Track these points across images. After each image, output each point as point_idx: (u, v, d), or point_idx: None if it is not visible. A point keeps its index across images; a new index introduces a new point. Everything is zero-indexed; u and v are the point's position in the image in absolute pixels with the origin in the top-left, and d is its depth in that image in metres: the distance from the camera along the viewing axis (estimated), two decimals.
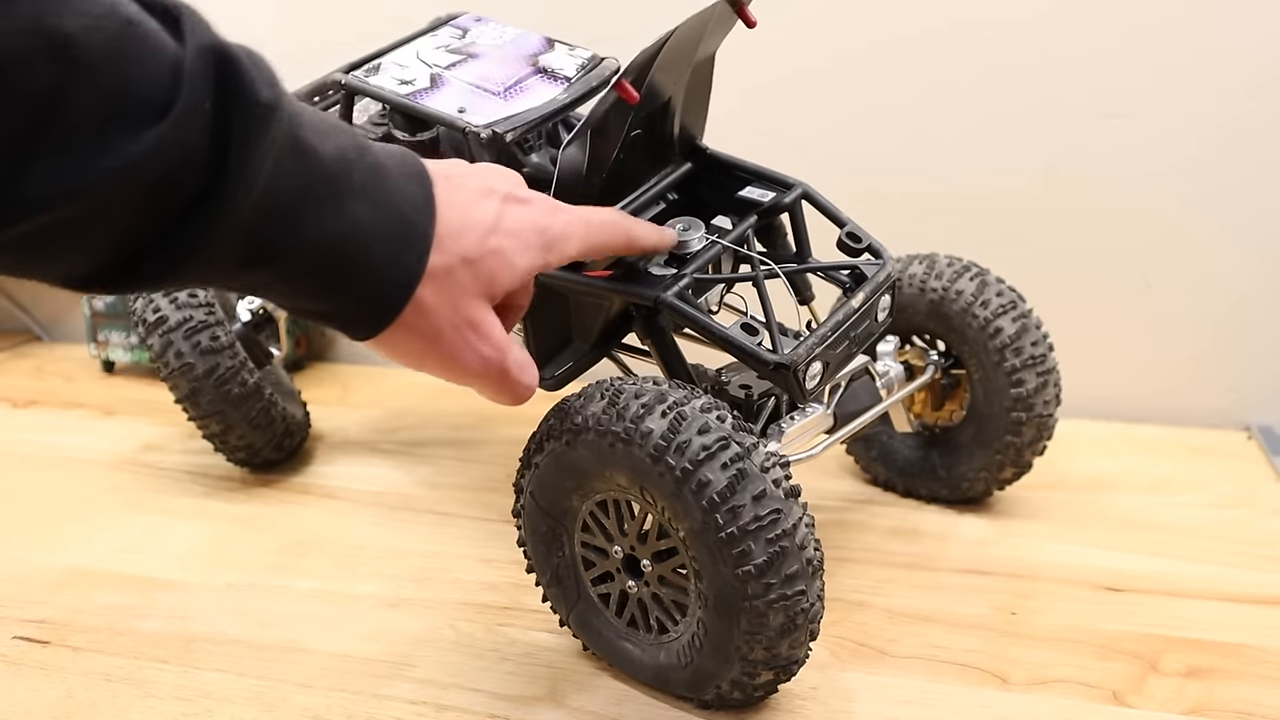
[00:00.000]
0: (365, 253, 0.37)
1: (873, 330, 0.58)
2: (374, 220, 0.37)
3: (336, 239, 0.36)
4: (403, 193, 0.38)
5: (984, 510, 0.72)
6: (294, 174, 0.34)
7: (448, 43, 0.65)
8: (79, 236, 0.31)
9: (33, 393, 0.99)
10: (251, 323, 0.80)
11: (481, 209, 0.41)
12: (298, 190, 0.34)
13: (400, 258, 0.38)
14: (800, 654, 0.49)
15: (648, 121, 0.57)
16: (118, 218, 0.31)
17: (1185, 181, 0.84)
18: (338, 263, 0.37)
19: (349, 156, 0.37)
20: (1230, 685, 0.54)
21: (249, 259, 0.34)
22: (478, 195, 0.42)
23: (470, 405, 0.93)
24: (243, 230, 0.33)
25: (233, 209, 0.32)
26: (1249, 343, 0.87)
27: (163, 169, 0.30)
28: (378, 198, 0.37)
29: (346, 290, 0.38)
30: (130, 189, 0.30)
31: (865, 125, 0.89)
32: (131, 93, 0.29)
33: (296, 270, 0.36)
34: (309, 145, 0.35)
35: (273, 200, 0.34)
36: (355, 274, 0.37)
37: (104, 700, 0.54)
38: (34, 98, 0.28)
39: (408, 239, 0.38)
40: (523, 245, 0.42)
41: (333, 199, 0.36)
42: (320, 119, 0.36)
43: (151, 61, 0.30)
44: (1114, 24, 0.82)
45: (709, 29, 0.54)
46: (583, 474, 0.50)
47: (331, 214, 0.36)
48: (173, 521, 0.73)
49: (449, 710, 0.53)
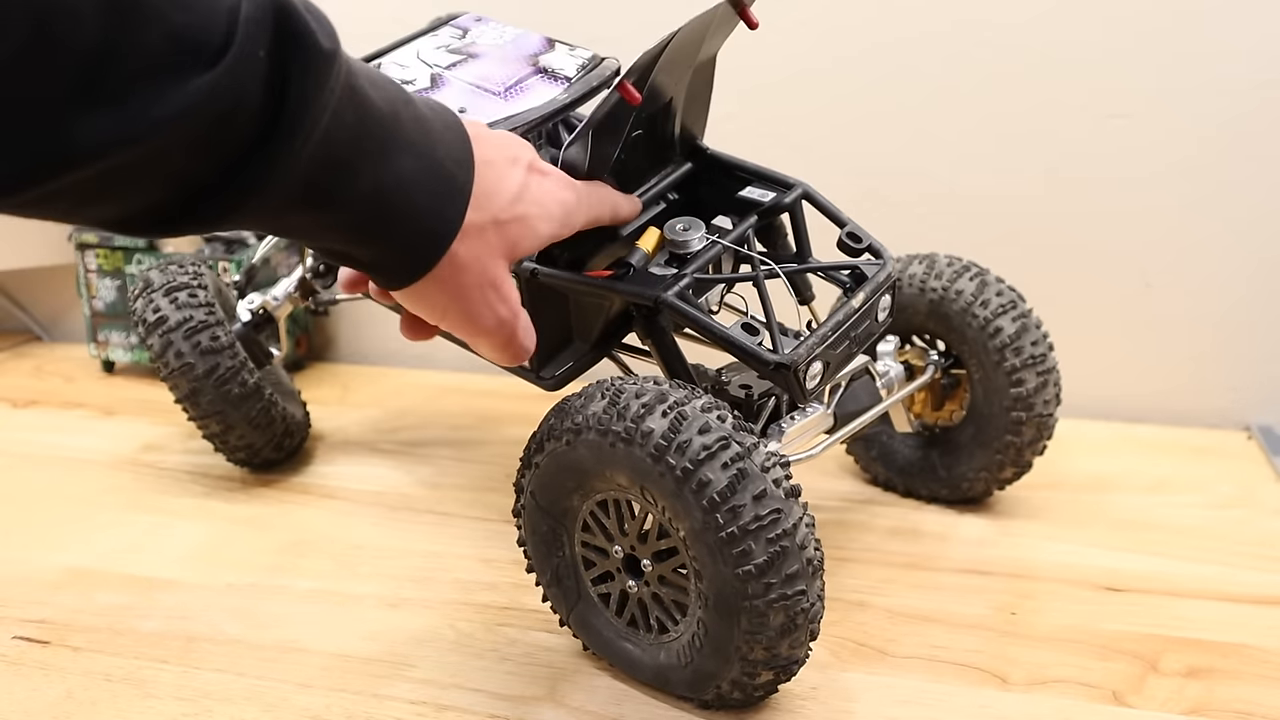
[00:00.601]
0: (410, 203, 0.38)
1: (873, 330, 0.58)
2: (420, 172, 0.38)
3: (386, 188, 0.37)
4: (446, 147, 0.39)
5: (984, 510, 0.72)
6: (350, 123, 0.35)
7: (448, 43, 0.65)
8: (135, 182, 0.31)
9: (33, 393, 0.99)
10: (251, 323, 0.80)
11: (511, 175, 0.43)
12: (353, 140, 0.35)
13: (443, 210, 0.39)
14: (800, 654, 0.49)
15: (649, 122, 0.57)
16: (173, 162, 0.31)
17: (1185, 182, 0.85)
18: (384, 211, 0.37)
19: (398, 108, 0.37)
20: (1230, 685, 0.54)
21: (301, 203, 0.35)
22: (507, 162, 0.43)
23: (470, 405, 0.93)
24: (299, 176, 0.34)
25: (290, 155, 0.33)
26: (1249, 343, 0.87)
27: (216, 114, 0.30)
28: (423, 150, 0.38)
29: (390, 238, 0.38)
30: (184, 135, 0.30)
31: (866, 126, 0.89)
32: (184, 39, 0.29)
33: (345, 216, 0.37)
34: (364, 95, 0.36)
35: (329, 149, 0.34)
36: (399, 223, 0.38)
37: (104, 700, 0.54)
38: (87, 46, 0.28)
39: (449, 193, 0.39)
40: (545, 215, 0.44)
41: (385, 150, 0.37)
42: (370, 70, 0.37)
43: (205, 8, 0.30)
44: (1114, 25, 0.82)
45: (711, 30, 0.54)
46: (583, 474, 0.50)
47: (383, 164, 0.37)
48: (173, 521, 0.73)
49: (449, 710, 0.53)
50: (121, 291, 1.00)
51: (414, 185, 0.38)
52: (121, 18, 0.28)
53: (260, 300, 0.80)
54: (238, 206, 0.33)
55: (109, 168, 0.30)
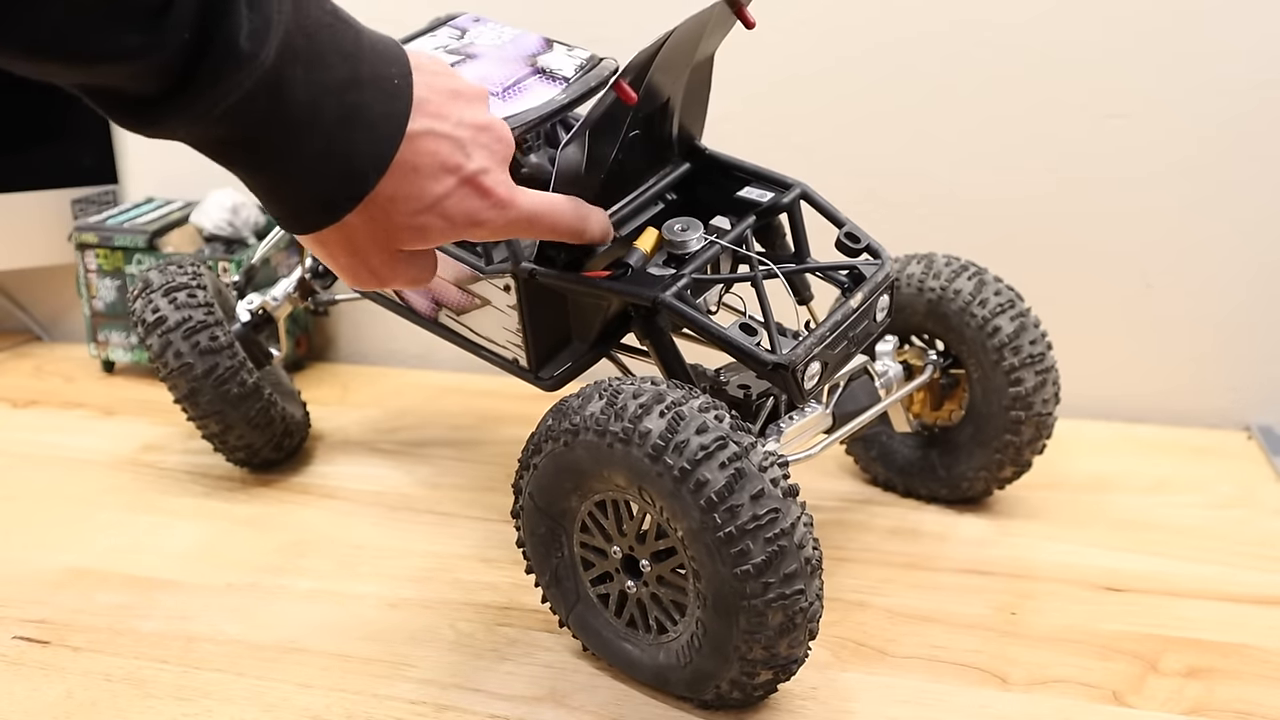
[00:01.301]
0: (297, 185, 0.39)
1: (871, 330, 0.58)
2: (317, 163, 0.39)
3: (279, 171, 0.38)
4: (367, 144, 0.39)
5: (984, 510, 0.72)
6: (259, 113, 0.36)
7: (446, 43, 0.65)
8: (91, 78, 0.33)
9: (33, 393, 0.99)
10: (251, 323, 0.80)
11: (434, 185, 0.42)
12: (258, 124, 0.36)
13: (330, 202, 0.40)
14: (799, 653, 0.49)
15: (646, 122, 0.57)
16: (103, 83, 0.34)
17: (1186, 182, 0.84)
18: (270, 184, 0.39)
19: (325, 99, 0.38)
20: (1230, 685, 0.54)
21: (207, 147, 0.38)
22: (439, 170, 0.42)
23: (470, 405, 0.93)
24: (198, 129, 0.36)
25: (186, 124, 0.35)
26: (1249, 343, 0.87)
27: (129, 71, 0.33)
28: (334, 145, 0.38)
29: (276, 204, 0.40)
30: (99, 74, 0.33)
31: (865, 126, 0.89)
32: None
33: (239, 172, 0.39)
34: (287, 88, 0.36)
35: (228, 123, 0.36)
36: (278, 198, 0.40)
37: (104, 700, 0.54)
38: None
39: (346, 191, 0.40)
40: (446, 228, 0.43)
41: (289, 140, 0.37)
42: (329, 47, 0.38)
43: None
44: (1114, 25, 0.82)
45: (708, 30, 0.54)
46: (581, 474, 0.50)
47: (282, 151, 0.38)
48: (173, 521, 0.73)
49: (449, 710, 0.53)
50: (121, 291, 1.00)
51: (311, 174, 0.39)
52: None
53: (260, 300, 0.80)
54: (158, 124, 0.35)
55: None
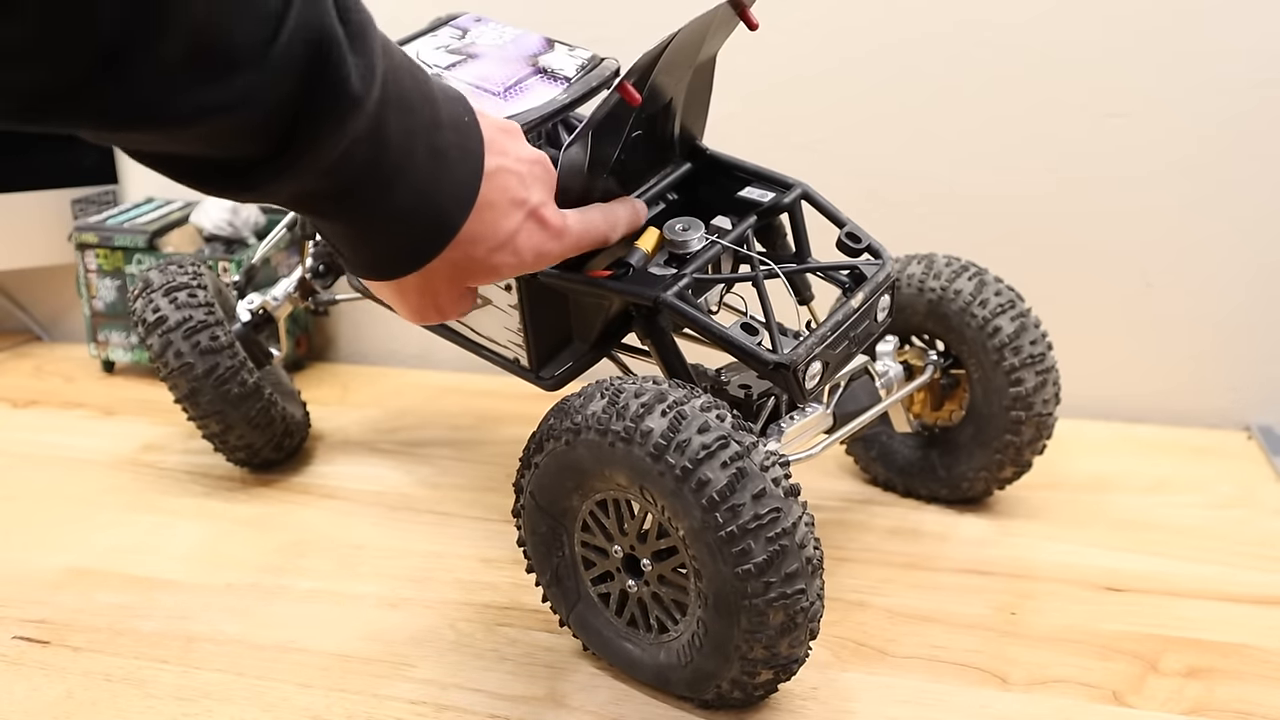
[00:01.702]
0: (390, 233, 0.40)
1: (872, 330, 0.58)
2: (412, 209, 0.39)
3: (373, 215, 0.39)
4: (453, 186, 0.41)
5: (984, 510, 0.72)
6: (359, 163, 0.36)
7: (447, 43, 0.65)
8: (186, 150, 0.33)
9: (33, 393, 0.99)
10: (251, 323, 0.80)
11: (507, 222, 0.44)
12: (356, 177, 0.37)
13: (420, 246, 0.41)
14: (800, 653, 0.49)
15: (649, 122, 0.57)
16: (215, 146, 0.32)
17: (1186, 181, 0.85)
18: (364, 231, 0.40)
19: (415, 140, 0.38)
20: (1230, 685, 0.54)
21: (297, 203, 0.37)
22: (511, 205, 0.44)
23: (470, 405, 0.93)
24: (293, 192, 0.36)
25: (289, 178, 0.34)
26: (1249, 343, 0.87)
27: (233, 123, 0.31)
28: (427, 185, 0.39)
29: (363, 250, 0.41)
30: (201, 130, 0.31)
31: (866, 126, 0.89)
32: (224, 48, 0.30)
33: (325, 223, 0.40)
34: (384, 133, 0.36)
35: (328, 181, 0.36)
36: (376, 243, 0.40)
37: (104, 700, 0.54)
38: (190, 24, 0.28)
39: (435, 233, 0.41)
40: (517, 264, 0.45)
41: (387, 186, 0.38)
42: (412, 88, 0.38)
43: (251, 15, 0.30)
44: (1114, 24, 0.82)
45: (711, 31, 0.54)
46: (582, 473, 0.50)
47: (377, 195, 0.38)
48: (173, 521, 0.73)
49: (449, 710, 0.53)
50: (121, 291, 1.00)
51: (400, 219, 0.39)
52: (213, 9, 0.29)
53: (260, 300, 0.80)
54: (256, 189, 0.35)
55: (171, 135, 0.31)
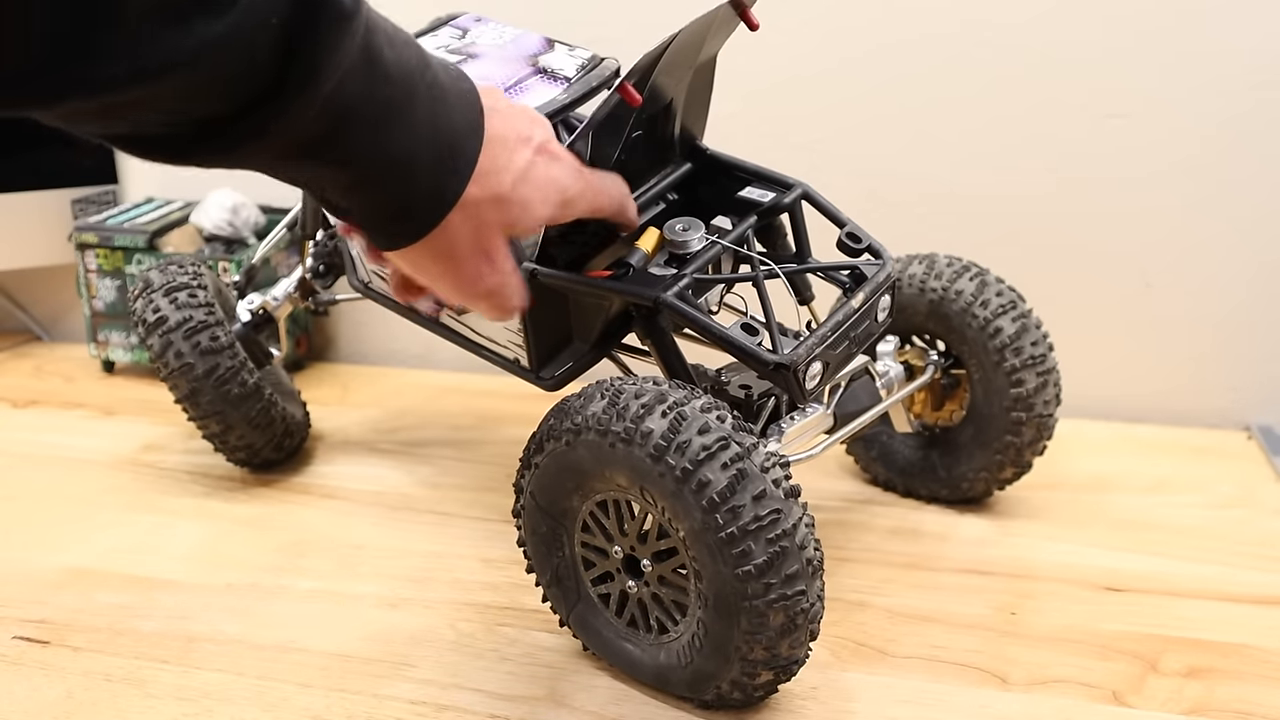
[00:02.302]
0: (410, 171, 0.38)
1: (872, 330, 0.58)
2: (425, 141, 0.38)
3: (389, 153, 0.37)
4: (458, 117, 0.40)
5: (984, 510, 0.72)
6: (360, 88, 0.35)
7: (448, 43, 0.65)
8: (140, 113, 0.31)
9: (33, 393, 0.99)
10: (251, 323, 0.80)
11: (519, 155, 0.43)
12: (360, 104, 0.36)
13: (443, 182, 0.40)
14: (800, 654, 0.49)
15: (649, 123, 0.57)
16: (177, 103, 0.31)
17: (1186, 181, 0.85)
18: (384, 174, 0.38)
19: (413, 73, 0.38)
20: (1230, 685, 0.54)
21: (303, 155, 0.36)
22: (518, 141, 0.43)
23: (470, 405, 0.93)
24: (301, 131, 0.34)
25: (294, 112, 0.33)
26: (1249, 343, 0.87)
27: (224, 66, 0.31)
28: (432, 120, 0.39)
29: (387, 201, 0.39)
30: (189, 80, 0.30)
31: (866, 127, 0.89)
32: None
33: (344, 174, 0.38)
34: (379, 59, 0.36)
35: (334, 111, 0.35)
36: (397, 188, 0.39)
37: (104, 700, 0.54)
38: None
39: (453, 166, 0.40)
40: (543, 199, 0.44)
41: (392, 116, 0.37)
42: (392, 30, 0.37)
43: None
44: (1114, 25, 0.82)
45: (712, 31, 0.54)
46: (583, 474, 0.50)
47: (388, 129, 0.37)
48: (173, 521, 0.73)
49: (449, 710, 0.53)
50: (121, 291, 1.00)
51: (416, 154, 0.38)
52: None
53: (260, 300, 0.80)
54: (239, 148, 0.34)
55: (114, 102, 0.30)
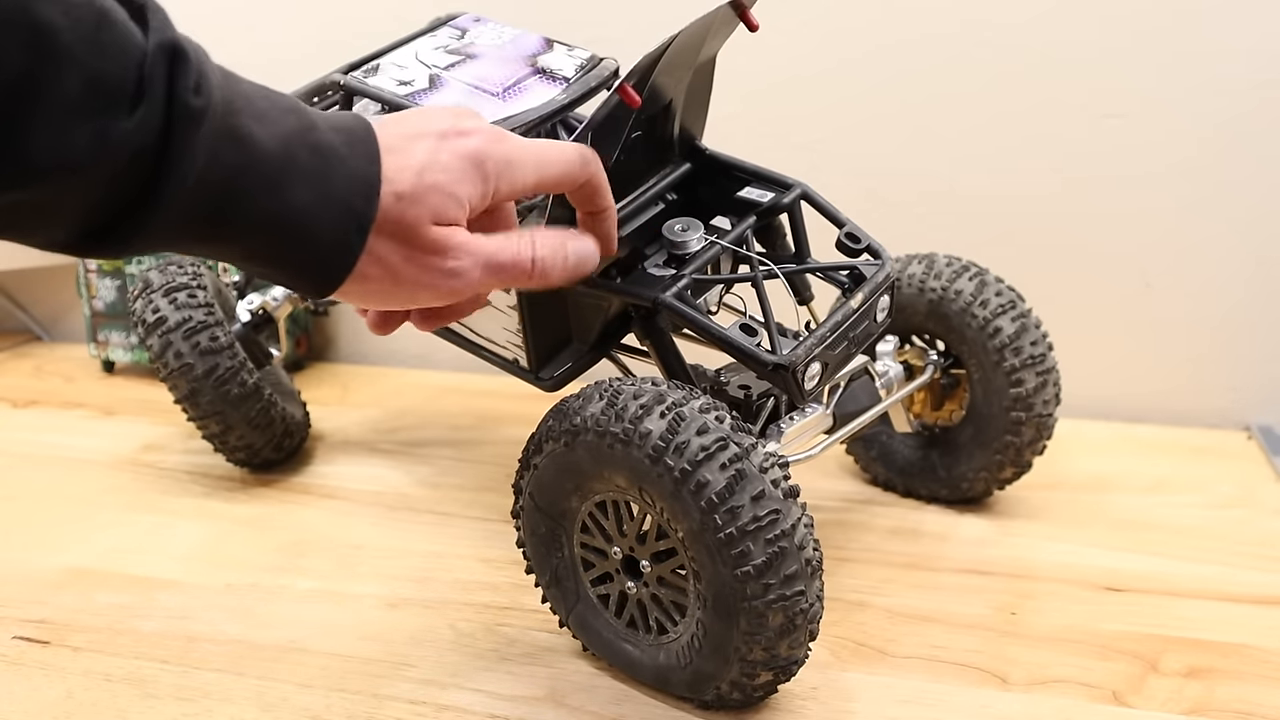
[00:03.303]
0: (307, 232, 0.39)
1: (872, 330, 0.58)
2: (315, 202, 0.38)
3: (278, 220, 0.38)
4: (348, 171, 0.39)
5: (984, 510, 0.72)
6: (231, 163, 0.36)
7: (446, 43, 0.65)
8: (45, 212, 0.33)
9: (33, 393, 0.99)
10: (251, 323, 0.80)
11: (416, 148, 0.42)
12: (236, 177, 0.36)
13: (341, 235, 0.39)
14: (800, 654, 0.49)
15: (648, 123, 0.57)
16: (82, 200, 0.33)
17: (1185, 181, 0.84)
18: (281, 240, 0.38)
19: (291, 142, 0.38)
20: (1230, 685, 0.54)
21: (195, 235, 0.37)
22: (407, 139, 0.42)
23: (470, 405, 0.93)
24: (183, 212, 0.35)
25: (173, 195, 0.34)
26: (1248, 343, 0.87)
27: (124, 160, 0.32)
28: (319, 179, 0.38)
29: (293, 262, 0.39)
30: (94, 176, 0.32)
31: (865, 126, 0.89)
32: (103, 88, 0.31)
33: (242, 246, 0.38)
34: (246, 134, 0.36)
35: (211, 187, 0.35)
36: (299, 249, 0.39)
37: (104, 700, 0.54)
38: (10, 84, 0.29)
39: (349, 215, 0.39)
40: (458, 176, 0.42)
41: (273, 184, 0.37)
42: (267, 104, 0.38)
43: (122, 56, 0.32)
44: (1113, 24, 0.82)
45: (712, 32, 0.54)
46: (581, 475, 0.50)
47: (274, 198, 0.37)
48: (173, 521, 0.73)
49: (449, 710, 0.53)
50: (121, 291, 1.00)
51: (310, 215, 0.38)
52: (42, 58, 0.30)
53: (260, 300, 0.80)
54: (133, 239, 0.35)
55: (20, 200, 0.31)
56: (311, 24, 0.97)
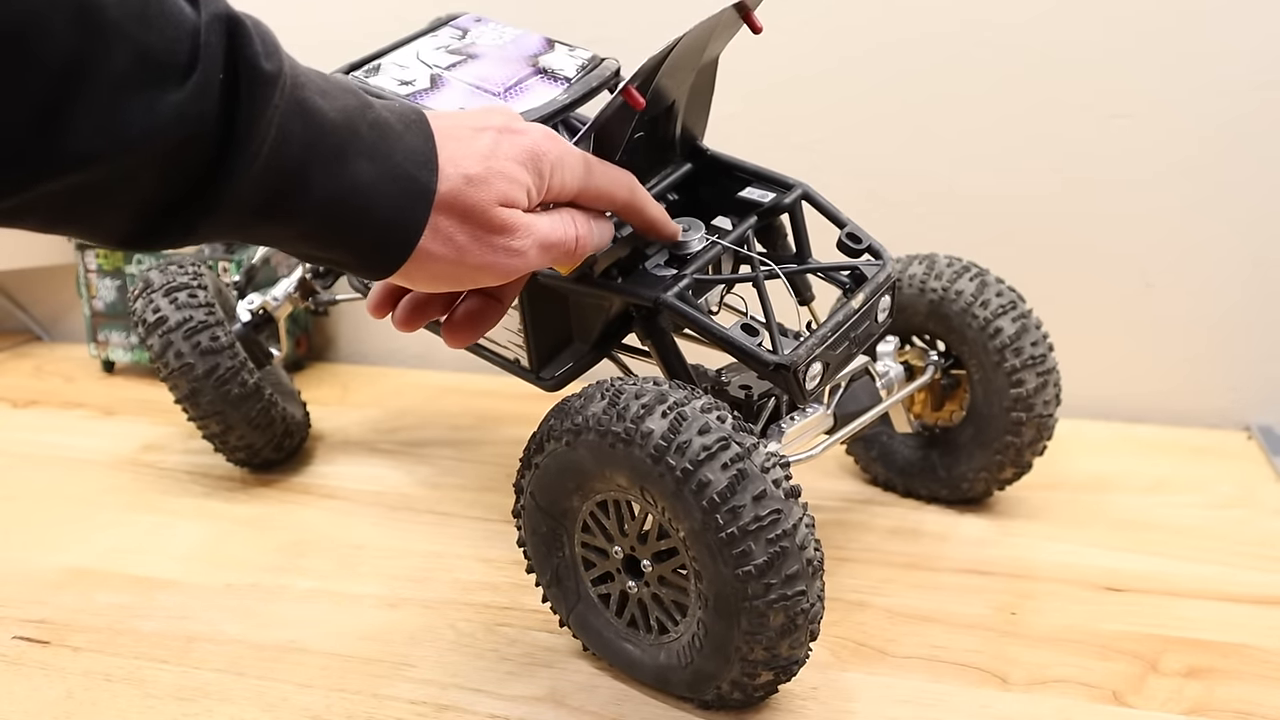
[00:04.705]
0: (371, 206, 0.39)
1: (873, 331, 0.58)
2: (379, 176, 0.39)
3: (342, 195, 0.38)
4: (406, 146, 0.40)
5: (984, 510, 0.72)
6: (299, 137, 0.36)
7: (448, 43, 0.65)
8: (105, 197, 0.32)
9: (33, 393, 0.99)
10: (251, 323, 0.80)
11: (478, 141, 0.43)
12: (304, 151, 0.36)
13: (406, 207, 0.40)
14: (800, 654, 0.49)
15: (650, 124, 0.57)
16: (140, 181, 0.32)
17: (1186, 182, 0.85)
18: (345, 217, 0.39)
19: (353, 116, 0.39)
20: (1230, 685, 0.54)
21: (260, 214, 0.36)
22: (472, 131, 0.44)
23: (470, 405, 0.93)
24: (253, 191, 0.35)
25: (241, 172, 0.34)
26: (1248, 343, 0.87)
27: (181, 135, 0.32)
28: (381, 153, 0.39)
29: (355, 241, 0.40)
30: (151, 153, 0.32)
31: (866, 127, 0.89)
32: (154, 60, 0.31)
33: (306, 224, 0.38)
34: (313, 107, 0.37)
35: (279, 162, 0.36)
36: (362, 226, 0.39)
37: (104, 700, 0.54)
38: (57, 61, 0.29)
39: (412, 191, 0.40)
40: (521, 166, 0.44)
41: (337, 158, 0.38)
42: (325, 81, 0.39)
43: (172, 29, 0.32)
44: (1115, 25, 0.82)
45: (715, 34, 0.54)
46: (583, 474, 0.50)
47: (337, 172, 0.38)
48: (173, 521, 0.73)
49: (449, 710, 0.53)
50: (121, 291, 1.00)
51: (374, 189, 0.39)
52: (90, 34, 0.30)
53: (260, 300, 0.80)
54: (199, 223, 0.35)
55: (80, 183, 0.31)
56: (312, 24, 0.97)
